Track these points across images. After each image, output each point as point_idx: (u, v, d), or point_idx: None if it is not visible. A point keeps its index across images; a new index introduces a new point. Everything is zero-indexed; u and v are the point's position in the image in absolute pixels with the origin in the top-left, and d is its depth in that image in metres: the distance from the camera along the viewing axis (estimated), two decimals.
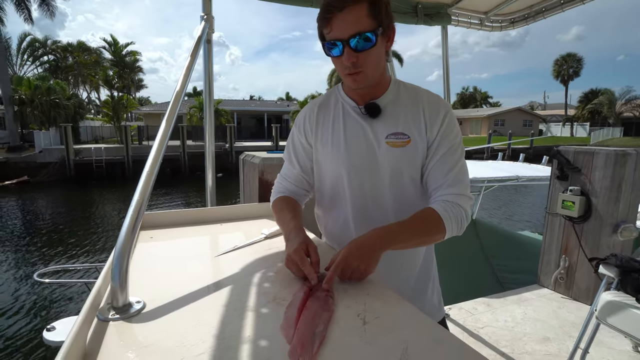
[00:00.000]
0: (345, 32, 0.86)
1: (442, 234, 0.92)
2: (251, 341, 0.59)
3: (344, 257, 0.82)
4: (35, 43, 29.50)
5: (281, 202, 1.10)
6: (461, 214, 0.94)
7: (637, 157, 2.61)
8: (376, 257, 0.84)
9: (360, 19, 0.85)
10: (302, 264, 0.82)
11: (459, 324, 2.53)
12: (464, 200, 0.95)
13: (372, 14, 0.85)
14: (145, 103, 46.80)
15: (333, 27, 0.87)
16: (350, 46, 0.86)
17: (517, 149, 24.18)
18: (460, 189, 0.95)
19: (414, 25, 2.33)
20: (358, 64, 0.89)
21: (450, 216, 0.92)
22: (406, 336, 0.61)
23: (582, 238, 2.82)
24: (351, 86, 0.98)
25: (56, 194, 15.70)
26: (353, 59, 0.88)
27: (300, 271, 0.83)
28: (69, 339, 0.52)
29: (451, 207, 0.93)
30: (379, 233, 0.87)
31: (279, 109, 35.49)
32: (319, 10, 0.89)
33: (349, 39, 0.86)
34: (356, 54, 0.87)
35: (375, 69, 0.92)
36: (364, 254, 0.83)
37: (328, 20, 0.87)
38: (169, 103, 1.11)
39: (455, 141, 0.98)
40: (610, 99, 39.32)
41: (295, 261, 0.83)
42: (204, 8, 1.68)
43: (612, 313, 1.74)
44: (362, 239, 0.86)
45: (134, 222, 0.73)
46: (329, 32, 0.88)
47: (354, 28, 0.85)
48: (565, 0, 2.21)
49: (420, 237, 0.93)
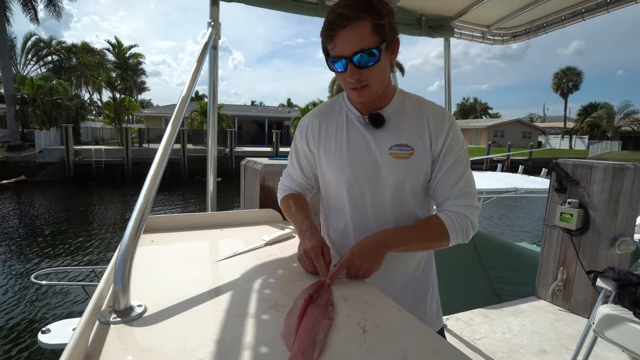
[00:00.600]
0: (348, 50, 0.86)
1: (446, 241, 0.96)
2: (252, 347, 0.60)
3: (349, 257, 0.87)
4: (40, 43, 29.66)
5: (290, 199, 1.16)
6: (467, 223, 0.96)
7: (635, 171, 2.63)
8: (379, 256, 0.88)
9: (363, 36, 0.85)
10: (317, 260, 0.89)
11: (456, 334, 2.52)
12: (470, 210, 0.97)
13: (375, 30, 0.85)
14: (147, 106, 47.00)
15: (336, 44, 0.87)
16: (354, 63, 0.87)
17: (516, 160, 24.25)
18: (467, 200, 0.98)
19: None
20: (362, 79, 0.89)
21: (455, 226, 0.95)
22: (405, 345, 0.62)
23: (579, 251, 2.82)
24: (356, 100, 0.99)
25: (54, 195, 15.66)
26: (357, 75, 0.88)
27: (313, 266, 0.90)
28: (72, 341, 0.53)
29: (456, 217, 0.96)
30: (383, 234, 0.92)
31: (280, 115, 35.61)
32: (322, 27, 0.89)
33: (352, 55, 0.86)
34: (359, 70, 0.88)
35: (379, 83, 0.93)
36: (368, 253, 0.88)
37: (331, 37, 0.87)
38: (175, 107, 1.13)
39: (460, 153, 0.99)
40: (609, 112, 39.55)
41: (310, 256, 0.90)
42: (211, 15, 1.70)
43: (610, 327, 1.74)
44: (367, 240, 0.91)
45: (137, 225, 0.74)
46: (332, 48, 0.89)
47: (357, 45, 0.85)
48: (566, 16, 2.24)
49: (424, 243, 0.98)
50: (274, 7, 1.95)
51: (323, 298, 0.74)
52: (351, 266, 0.87)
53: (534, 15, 2.36)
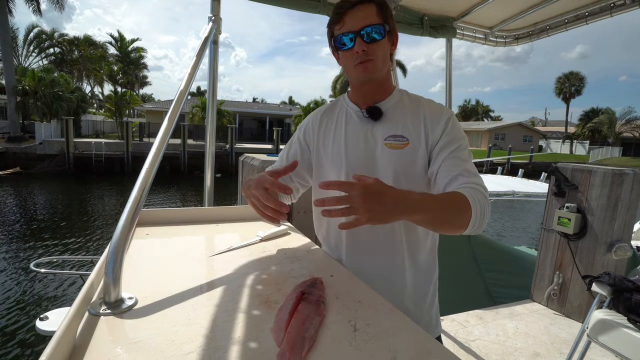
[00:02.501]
0: (357, 25, 0.94)
1: (468, 216, 0.81)
2: (241, 342, 0.60)
3: (366, 185, 0.72)
4: (42, 35, 29.60)
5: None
6: (483, 203, 0.84)
7: (634, 177, 2.63)
8: (389, 210, 0.72)
9: (370, 15, 0.94)
10: (265, 198, 0.89)
11: (451, 335, 2.52)
12: (484, 190, 0.87)
13: (380, 13, 0.95)
14: (148, 100, 46.94)
15: (345, 22, 0.95)
16: (362, 37, 0.94)
17: (516, 163, 24.26)
18: (478, 180, 0.88)
19: (420, 36, 2.36)
20: (369, 52, 0.95)
21: (475, 199, 0.82)
22: (396, 345, 0.61)
23: (576, 255, 2.82)
24: (360, 77, 1.00)
25: (54, 187, 15.66)
26: (364, 47, 0.94)
27: (266, 207, 0.90)
28: (59, 331, 0.52)
29: (475, 192, 0.84)
30: (408, 191, 0.77)
31: (282, 112, 35.59)
32: (331, 15, 0.99)
33: (360, 29, 0.93)
34: (367, 44, 0.94)
35: (383, 62, 0.98)
36: (383, 199, 0.72)
37: (341, 16, 0.95)
38: (173, 101, 1.12)
39: (462, 142, 0.97)
40: (610, 118, 39.58)
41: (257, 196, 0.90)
42: (212, 9, 1.69)
43: (604, 332, 1.74)
44: (391, 189, 0.75)
45: (130, 217, 0.74)
46: (340, 27, 0.96)
47: (364, 21, 0.93)
48: (569, 20, 2.24)
49: (447, 212, 0.80)
50: (276, 3, 1.95)
51: (315, 295, 0.74)
52: (358, 195, 0.70)
53: (536, 17, 2.35)
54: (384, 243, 1.03)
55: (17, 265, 7.15)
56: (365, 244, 1.04)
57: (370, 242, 1.04)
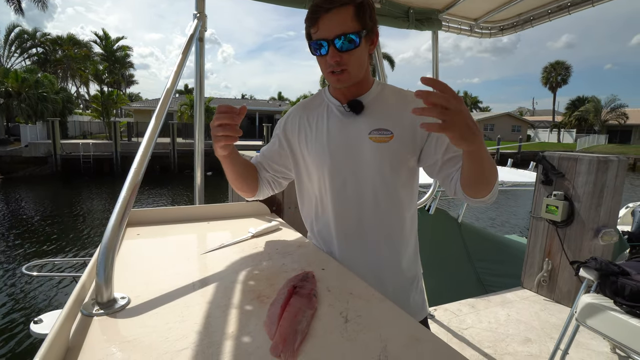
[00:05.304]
0: (331, 32, 0.90)
1: (495, 181, 0.88)
2: (234, 337, 0.60)
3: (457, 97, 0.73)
4: (24, 35, 28.90)
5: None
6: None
7: (619, 163, 2.68)
8: (472, 127, 0.74)
9: (345, 21, 0.89)
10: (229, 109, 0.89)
11: (444, 324, 2.56)
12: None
13: (357, 16, 0.90)
14: (136, 99, 46.30)
15: (320, 27, 0.91)
16: (335, 46, 0.90)
17: (505, 153, 24.51)
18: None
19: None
20: (342, 62, 0.92)
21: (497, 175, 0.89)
22: (386, 334, 0.63)
23: (564, 242, 2.88)
24: (334, 85, 1.01)
25: (42, 190, 15.42)
26: (337, 58, 0.92)
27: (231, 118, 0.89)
28: (52, 333, 0.53)
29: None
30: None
31: (271, 108, 35.42)
32: (308, 11, 0.94)
33: (334, 39, 0.90)
34: (340, 53, 0.91)
35: (358, 69, 0.96)
36: (470, 117, 0.75)
37: (315, 20, 0.91)
38: (159, 100, 1.11)
39: None
40: (596, 107, 40.15)
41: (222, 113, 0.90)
42: (197, 6, 1.67)
43: (591, 315, 1.79)
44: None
45: (120, 218, 0.74)
46: (315, 31, 0.93)
47: (339, 29, 0.89)
48: (552, 10, 2.26)
49: (492, 166, 0.85)
50: None
51: (307, 288, 0.75)
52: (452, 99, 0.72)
53: (521, 8, 2.37)
54: (372, 235, 1.05)
55: (9, 269, 7.06)
56: (355, 236, 1.06)
57: (360, 234, 1.05)
